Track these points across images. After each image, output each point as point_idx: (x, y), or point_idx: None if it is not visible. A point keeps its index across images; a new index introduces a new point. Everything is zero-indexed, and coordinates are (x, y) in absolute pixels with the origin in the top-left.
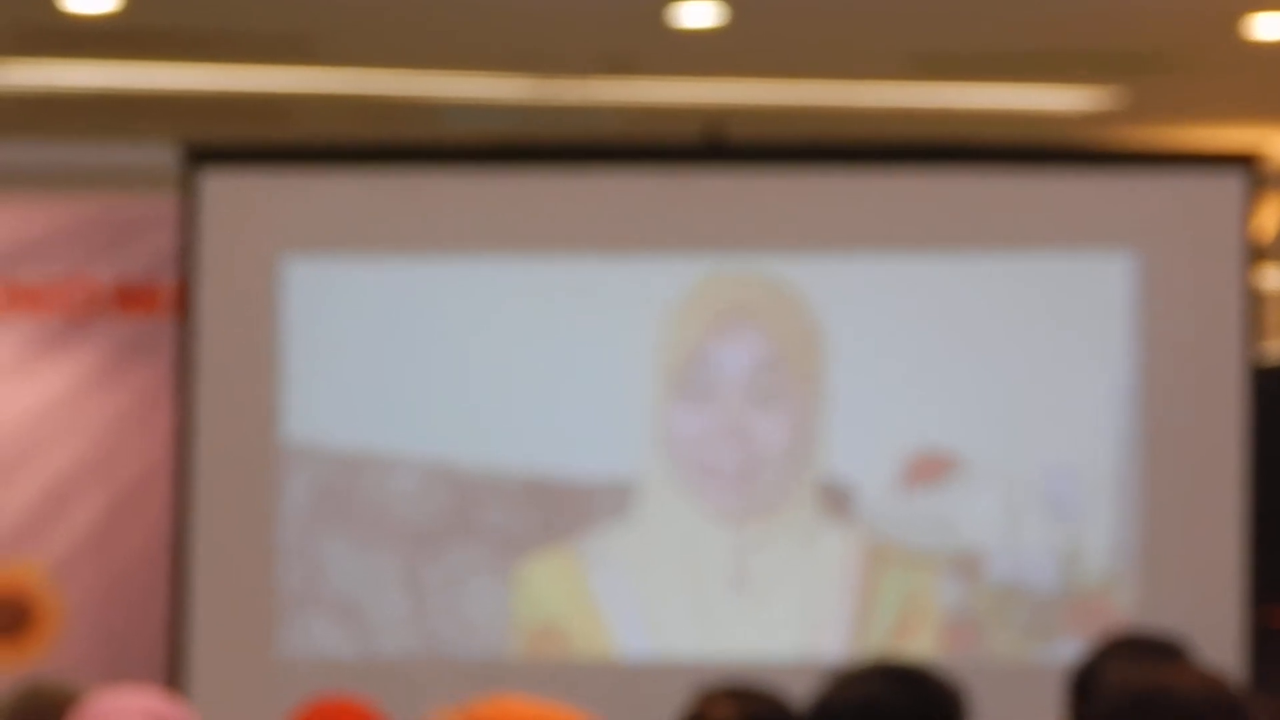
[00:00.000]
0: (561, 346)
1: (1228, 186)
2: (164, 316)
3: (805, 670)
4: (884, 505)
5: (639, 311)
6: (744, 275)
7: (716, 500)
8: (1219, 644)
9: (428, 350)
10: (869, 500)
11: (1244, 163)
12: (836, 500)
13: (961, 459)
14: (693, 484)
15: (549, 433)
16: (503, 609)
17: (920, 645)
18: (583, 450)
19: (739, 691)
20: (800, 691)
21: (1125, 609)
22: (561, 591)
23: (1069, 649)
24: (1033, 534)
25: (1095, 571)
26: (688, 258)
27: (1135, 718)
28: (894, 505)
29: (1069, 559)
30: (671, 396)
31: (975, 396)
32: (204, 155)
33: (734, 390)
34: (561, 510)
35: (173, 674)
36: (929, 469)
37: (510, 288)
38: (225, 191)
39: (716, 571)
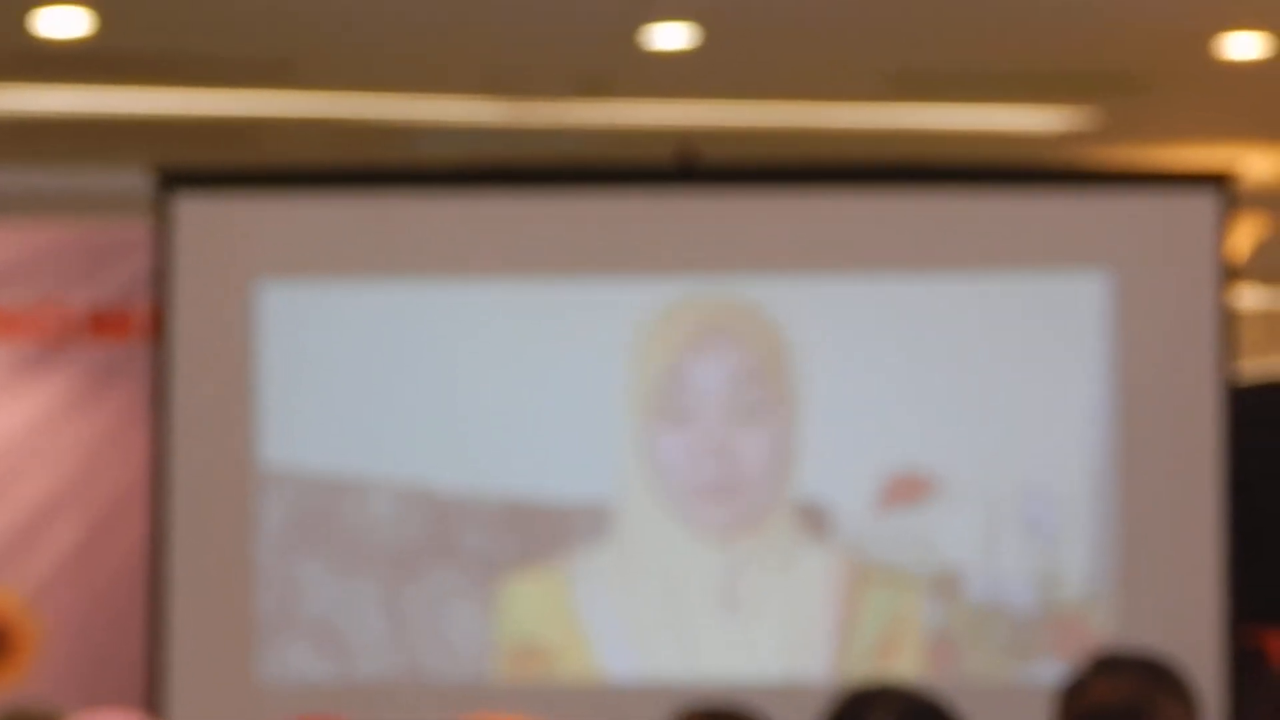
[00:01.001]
0: (537, 368)
1: (1201, 206)
2: (138, 342)
3: (790, 692)
4: (862, 525)
5: (613, 333)
6: (718, 297)
7: (699, 519)
8: (1198, 663)
9: (404, 373)
10: (848, 520)
11: (1217, 182)
12: (815, 520)
13: (938, 479)
14: (674, 503)
15: (527, 455)
16: (483, 631)
17: (903, 665)
18: (561, 472)
19: (718, 713)
20: (785, 715)
21: (1104, 628)
22: (543, 612)
23: (1049, 669)
24: (1010, 553)
25: (1073, 591)
26: (662, 280)
27: None
28: (872, 525)
29: (1047, 579)
30: (650, 416)
31: (951, 416)
32: (178, 180)
33: (713, 407)
34: (541, 532)
35: (152, 698)
36: (906, 489)
37: (485, 310)
38: (199, 216)
39: (700, 591)
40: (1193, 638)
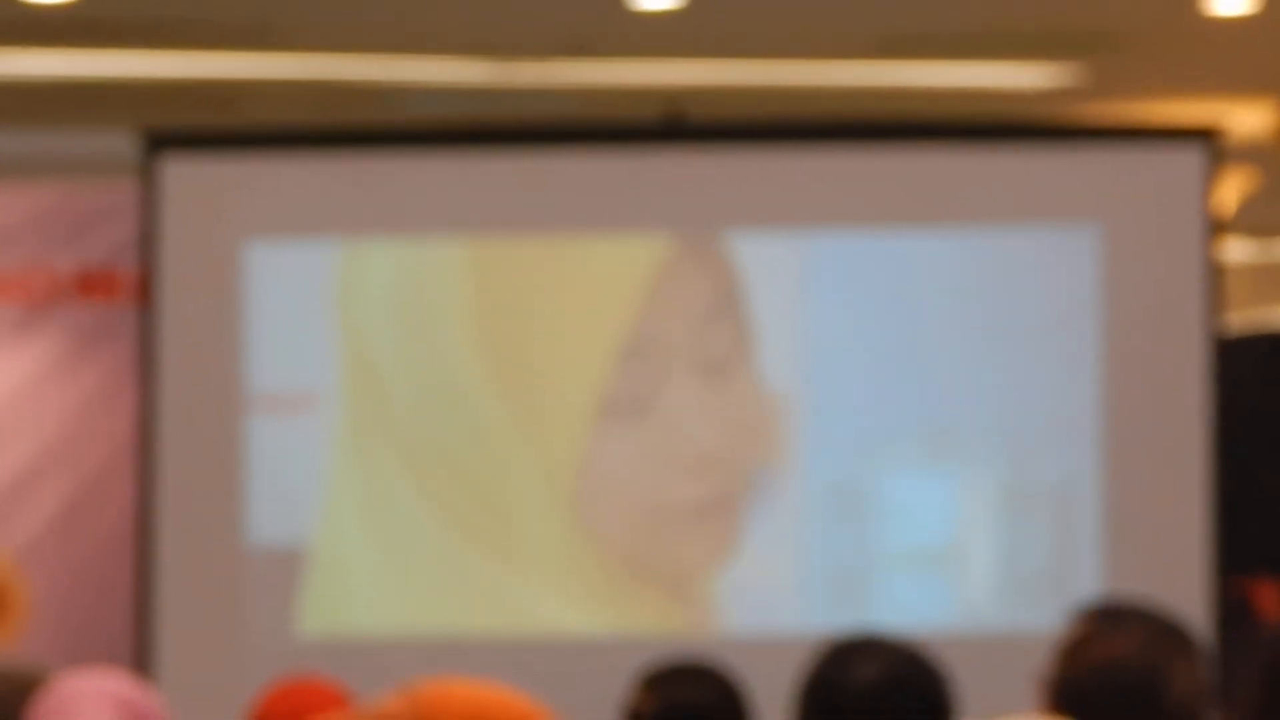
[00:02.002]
0: (525, 325)
1: (1188, 160)
2: (126, 303)
3: (767, 643)
4: (857, 484)
5: (601, 290)
6: (705, 253)
7: (678, 490)
8: (1185, 614)
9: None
10: (842, 479)
11: (1204, 137)
12: (811, 480)
13: (929, 433)
14: (659, 449)
15: (515, 395)
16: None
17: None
18: (540, 418)
19: (685, 668)
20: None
21: (1092, 579)
22: None
23: (1039, 616)
24: (997, 506)
25: (1060, 542)
26: (648, 237)
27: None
28: (869, 484)
29: (1034, 530)
30: (629, 369)
31: (941, 370)
32: (164, 142)
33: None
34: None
35: (140, 658)
36: (900, 444)
37: (472, 269)
38: (185, 178)
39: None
40: (1180, 588)
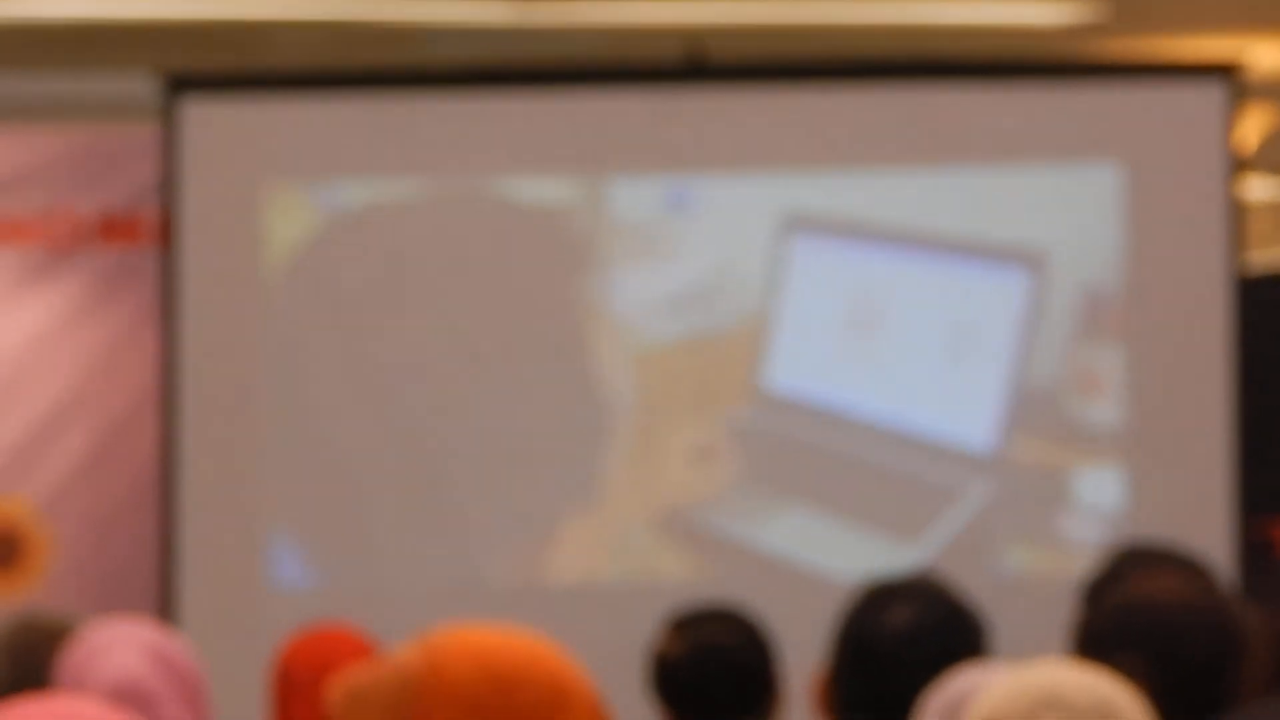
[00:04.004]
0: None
1: (1209, 97)
2: (148, 246)
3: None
4: (880, 419)
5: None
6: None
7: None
8: (1208, 555)
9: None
10: (865, 415)
11: (1225, 73)
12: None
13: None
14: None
15: (529, 344)
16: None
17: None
18: (562, 367)
19: (714, 612)
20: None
21: (1114, 521)
22: None
23: (1064, 564)
24: (1025, 447)
25: (1081, 485)
26: (672, 178)
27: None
28: (893, 423)
29: (1057, 469)
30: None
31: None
32: (185, 84)
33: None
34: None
35: (164, 606)
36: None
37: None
38: (207, 120)
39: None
40: (1203, 529)
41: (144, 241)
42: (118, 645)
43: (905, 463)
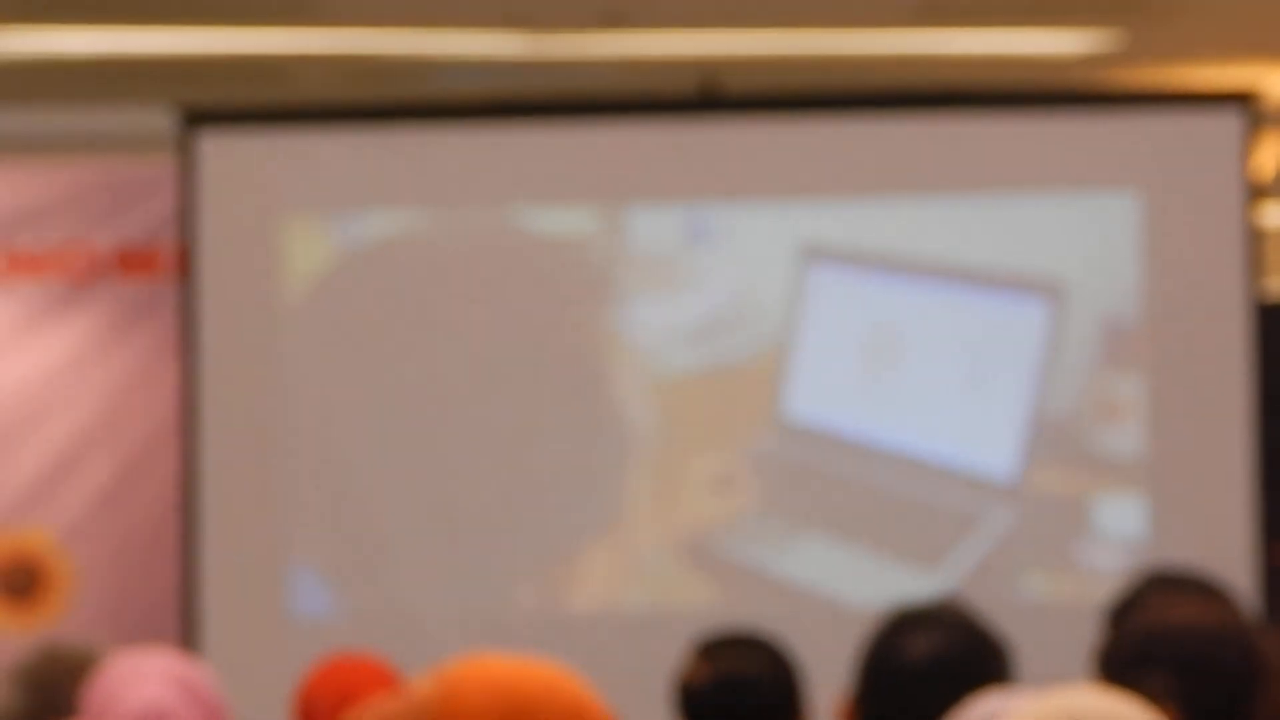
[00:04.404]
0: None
1: (1227, 125)
2: (166, 279)
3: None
4: (899, 448)
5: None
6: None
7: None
8: (1229, 581)
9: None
10: (885, 444)
11: (1242, 101)
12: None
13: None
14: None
15: (549, 374)
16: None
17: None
18: (582, 397)
19: (739, 639)
20: (831, 633)
21: (1135, 547)
22: None
23: (1085, 590)
24: (1045, 475)
25: (1104, 515)
26: (687, 209)
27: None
28: (912, 452)
29: (1080, 497)
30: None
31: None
32: (201, 118)
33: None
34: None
35: (186, 635)
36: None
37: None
38: (223, 153)
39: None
40: (1224, 554)
41: (162, 274)
42: (143, 675)
43: (925, 491)
